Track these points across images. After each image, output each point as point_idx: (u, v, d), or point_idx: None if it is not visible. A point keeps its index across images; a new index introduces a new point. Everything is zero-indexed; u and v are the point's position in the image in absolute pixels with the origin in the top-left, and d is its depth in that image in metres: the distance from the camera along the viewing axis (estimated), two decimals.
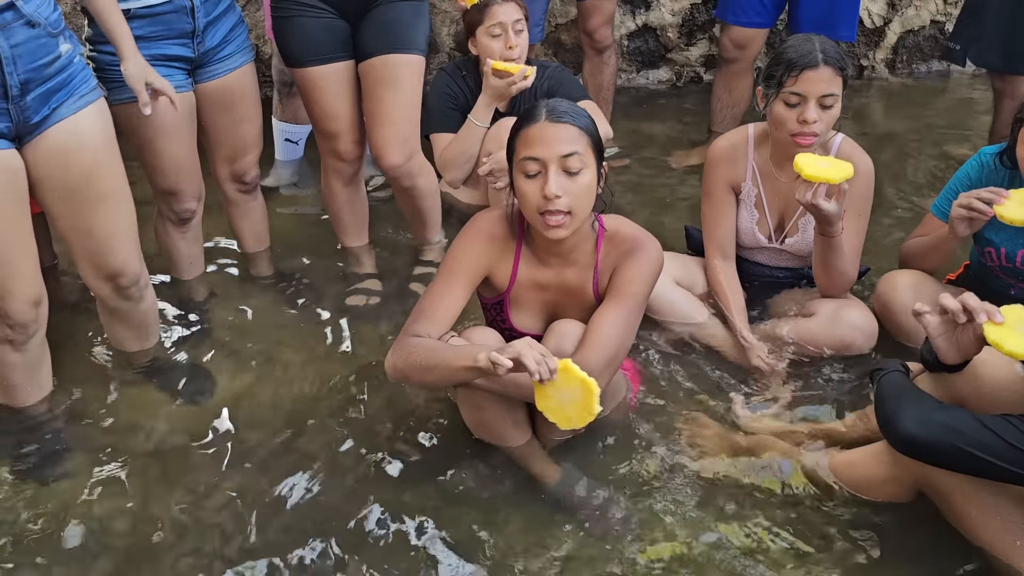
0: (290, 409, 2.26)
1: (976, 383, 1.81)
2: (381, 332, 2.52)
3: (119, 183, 2.06)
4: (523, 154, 1.79)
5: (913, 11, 4.30)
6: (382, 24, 2.40)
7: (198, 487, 2.02)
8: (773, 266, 2.50)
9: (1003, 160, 2.17)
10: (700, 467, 2.03)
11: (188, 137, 2.37)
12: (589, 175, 1.80)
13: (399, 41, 2.41)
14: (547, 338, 1.90)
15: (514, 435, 1.97)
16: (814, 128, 2.16)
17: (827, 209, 2.10)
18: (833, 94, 2.17)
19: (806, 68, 2.14)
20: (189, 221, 2.54)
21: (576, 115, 1.81)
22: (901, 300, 2.26)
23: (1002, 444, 1.58)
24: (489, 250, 1.93)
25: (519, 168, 1.81)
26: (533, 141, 1.78)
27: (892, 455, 1.83)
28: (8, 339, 2.04)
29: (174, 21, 2.21)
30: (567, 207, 1.77)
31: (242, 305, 2.66)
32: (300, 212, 3.16)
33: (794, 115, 2.18)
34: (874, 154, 2.42)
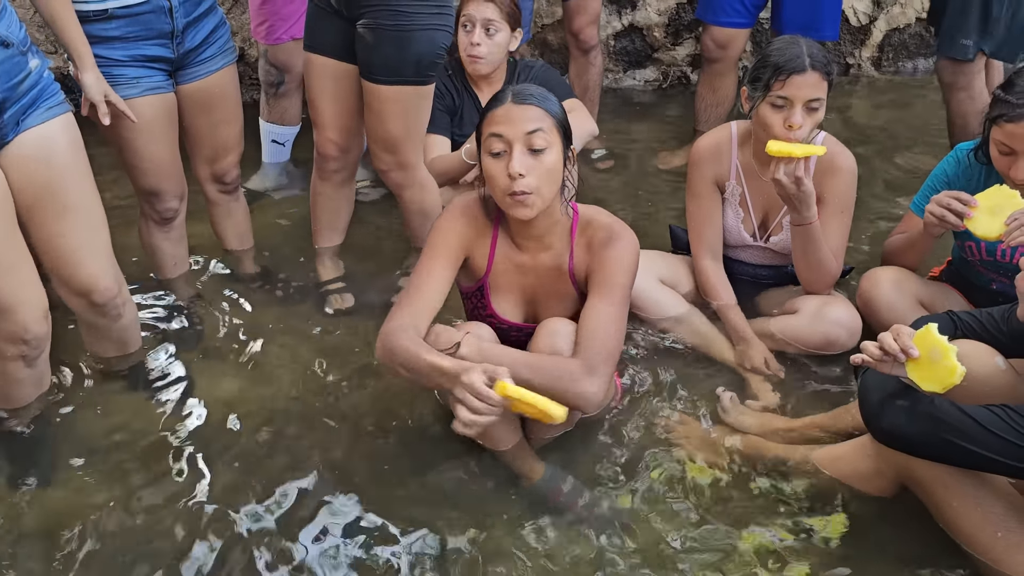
0: (276, 409, 2.25)
1: None
2: (363, 332, 2.52)
3: (86, 198, 2.03)
4: (487, 132, 1.81)
5: (899, 9, 4.32)
6: (361, 49, 2.34)
7: (183, 488, 2.01)
8: (757, 264, 2.51)
9: (977, 156, 2.19)
10: (684, 466, 2.03)
11: (168, 138, 2.37)
12: (554, 154, 1.81)
13: (369, 69, 2.35)
14: (538, 336, 1.91)
15: (507, 438, 1.98)
16: (799, 134, 2.18)
17: (806, 185, 2.13)
18: (819, 98, 2.18)
19: (793, 73, 2.16)
20: (172, 221, 2.54)
21: (542, 98, 1.83)
22: (883, 297, 2.27)
23: (985, 433, 1.59)
24: (468, 229, 1.95)
25: (485, 148, 1.83)
26: (498, 121, 1.80)
27: (876, 449, 1.84)
28: (22, 355, 2.02)
29: (152, 21, 2.21)
30: (532, 187, 1.79)
31: (227, 305, 2.65)
32: (286, 214, 3.15)
33: (780, 118, 2.19)
34: (859, 151, 2.43)
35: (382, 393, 2.27)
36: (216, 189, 2.61)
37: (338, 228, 2.79)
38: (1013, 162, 2.01)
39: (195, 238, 2.81)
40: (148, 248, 2.61)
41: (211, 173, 2.57)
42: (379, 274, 2.80)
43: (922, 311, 2.23)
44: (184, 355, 2.45)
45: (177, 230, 2.59)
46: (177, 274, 2.68)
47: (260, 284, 2.75)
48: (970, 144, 2.24)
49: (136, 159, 2.35)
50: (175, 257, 2.65)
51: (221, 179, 2.58)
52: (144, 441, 2.16)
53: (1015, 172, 2.01)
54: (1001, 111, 1.98)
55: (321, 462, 2.08)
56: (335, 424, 2.20)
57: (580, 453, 2.06)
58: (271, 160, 3.39)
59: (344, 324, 2.57)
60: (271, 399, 2.29)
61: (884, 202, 3.17)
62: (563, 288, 1.98)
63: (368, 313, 2.61)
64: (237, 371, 2.40)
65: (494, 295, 2.00)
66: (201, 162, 2.55)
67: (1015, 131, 1.96)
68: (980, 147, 2.17)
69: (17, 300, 1.93)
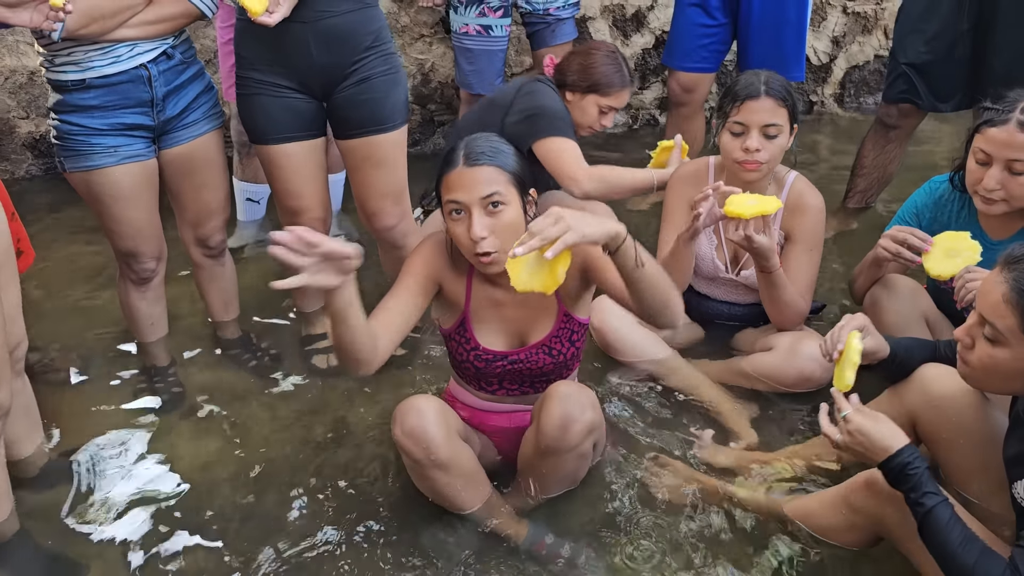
0: (255, 471, 2.24)
1: (928, 397, 1.86)
2: (345, 392, 2.52)
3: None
4: (446, 198, 1.83)
5: (857, 47, 4.45)
6: (359, 105, 2.33)
7: (162, 554, 2.00)
8: (731, 302, 2.54)
9: (953, 181, 2.24)
10: (665, 512, 2.04)
11: (148, 203, 2.38)
12: (513, 210, 1.83)
13: (379, 120, 2.36)
14: (548, 402, 1.87)
15: (468, 498, 1.96)
16: (758, 156, 2.23)
17: (758, 242, 2.17)
18: (776, 124, 2.24)
19: (748, 99, 2.24)
20: (149, 281, 2.53)
21: (493, 154, 1.83)
22: (895, 301, 2.24)
23: None
24: (441, 262, 1.94)
25: (446, 211, 1.84)
26: (453, 186, 1.81)
27: (848, 502, 1.82)
28: None
29: (131, 91, 2.23)
30: (495, 246, 1.80)
31: (205, 370, 2.64)
32: (265, 271, 3.16)
33: (738, 144, 2.25)
34: (826, 187, 2.48)
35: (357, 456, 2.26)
36: (201, 253, 2.60)
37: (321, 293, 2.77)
38: (985, 172, 2.05)
39: (176, 300, 2.81)
40: (125, 308, 2.60)
41: (195, 237, 2.56)
42: None
43: (925, 328, 2.23)
44: (161, 418, 2.44)
45: (154, 291, 2.58)
46: (155, 336, 2.67)
47: (240, 346, 2.74)
48: (944, 176, 2.30)
49: (114, 224, 2.36)
50: (152, 318, 2.63)
51: (205, 243, 2.57)
52: (122, 506, 2.15)
53: (986, 180, 2.04)
54: (987, 118, 2.04)
55: (297, 529, 2.06)
56: (317, 485, 2.19)
57: (563, 501, 2.06)
58: (247, 219, 3.41)
59: (324, 384, 2.57)
60: (249, 461, 2.28)
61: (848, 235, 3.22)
62: (547, 306, 1.97)
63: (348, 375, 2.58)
64: (215, 433, 2.38)
65: (478, 326, 1.98)
66: (185, 226, 2.54)
67: (997, 136, 2.01)
68: (956, 172, 2.22)
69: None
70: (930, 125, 3.84)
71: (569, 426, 1.85)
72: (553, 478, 2.01)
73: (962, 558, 1.53)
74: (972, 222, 2.22)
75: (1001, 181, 2.04)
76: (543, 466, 1.96)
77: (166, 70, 2.27)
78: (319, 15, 2.21)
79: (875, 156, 3.19)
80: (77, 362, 2.68)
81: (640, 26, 4.21)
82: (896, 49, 3.02)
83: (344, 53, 2.28)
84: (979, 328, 1.57)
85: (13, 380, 2.06)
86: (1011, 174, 2.02)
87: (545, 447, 1.88)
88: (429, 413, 1.86)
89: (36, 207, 3.52)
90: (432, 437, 1.85)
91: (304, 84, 2.31)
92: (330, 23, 2.23)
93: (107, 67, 2.18)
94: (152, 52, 2.23)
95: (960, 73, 2.89)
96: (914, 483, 1.58)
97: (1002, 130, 2.00)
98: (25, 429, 2.22)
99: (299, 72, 2.27)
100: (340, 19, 2.24)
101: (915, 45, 2.92)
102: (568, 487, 2.06)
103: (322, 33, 2.23)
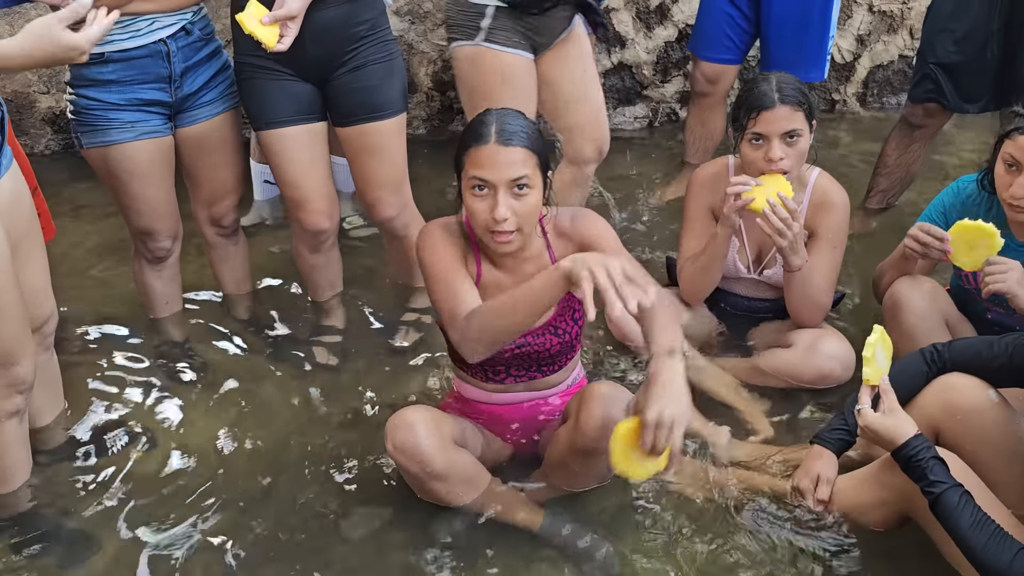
0: (267, 452, 2.24)
1: (949, 409, 1.84)
2: (360, 374, 2.51)
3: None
4: (472, 173, 1.78)
5: (882, 46, 4.39)
6: (355, 92, 2.33)
7: (176, 529, 2.00)
8: (752, 297, 2.52)
9: (982, 183, 2.21)
10: (681, 503, 2.03)
11: (164, 180, 2.37)
12: (536, 194, 1.80)
13: (376, 107, 2.36)
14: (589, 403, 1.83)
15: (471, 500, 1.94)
16: (782, 165, 2.21)
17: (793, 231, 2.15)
18: (795, 129, 2.21)
19: (763, 109, 2.21)
20: (165, 260, 2.53)
21: (525, 135, 1.79)
22: (916, 301, 2.20)
23: None
24: (456, 250, 1.90)
25: (467, 185, 1.80)
26: (483, 163, 1.77)
27: (877, 480, 1.84)
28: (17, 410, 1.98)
29: (149, 65, 2.22)
30: (515, 226, 1.78)
31: (219, 346, 2.64)
32: (283, 248, 3.15)
33: (761, 154, 2.23)
34: (846, 187, 2.46)
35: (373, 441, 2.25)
36: (214, 232, 2.60)
37: (336, 281, 2.75)
38: (1015, 178, 2.03)
39: (193, 278, 2.81)
40: (140, 286, 2.61)
41: (208, 215, 2.56)
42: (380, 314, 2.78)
43: (944, 330, 2.21)
44: (175, 395, 2.43)
45: (170, 269, 2.59)
46: (169, 313, 2.67)
47: (254, 325, 2.73)
48: (971, 176, 2.28)
49: (130, 200, 2.35)
50: (167, 296, 2.64)
51: (218, 222, 2.57)
52: (135, 480, 2.15)
53: (1015, 188, 2.03)
54: (1018, 124, 2.03)
55: (317, 507, 2.06)
56: (330, 468, 2.18)
57: (576, 495, 2.05)
58: (263, 197, 3.40)
59: (339, 366, 2.56)
60: (263, 441, 2.27)
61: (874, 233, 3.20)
62: None
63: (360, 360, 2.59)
64: (227, 414, 2.38)
65: None
66: (199, 204, 2.54)
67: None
68: (986, 174, 2.20)
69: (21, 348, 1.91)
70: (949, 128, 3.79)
71: (609, 426, 1.83)
72: (585, 476, 1.99)
73: (971, 540, 1.60)
74: (1000, 223, 2.18)
75: None
76: (576, 464, 1.93)
77: (184, 46, 2.26)
78: (314, 6, 2.18)
79: (899, 155, 3.15)
80: (92, 336, 2.68)
81: (664, 18, 4.17)
82: (924, 48, 2.98)
83: (337, 43, 2.28)
84: None
85: (41, 354, 2.10)
86: None
87: (583, 446, 1.85)
88: (419, 426, 1.83)
89: (55, 182, 3.52)
90: (424, 450, 1.83)
91: (298, 69, 2.30)
92: (323, 15, 2.22)
93: (126, 41, 2.17)
94: (171, 27, 2.22)
95: (989, 74, 2.85)
96: (920, 472, 1.67)
97: None
98: (48, 400, 2.24)
99: (294, 60, 2.26)
100: (334, 11, 2.24)
101: (944, 44, 2.88)
102: (597, 484, 2.04)
103: (315, 24, 2.21)
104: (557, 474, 2.00)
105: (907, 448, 1.68)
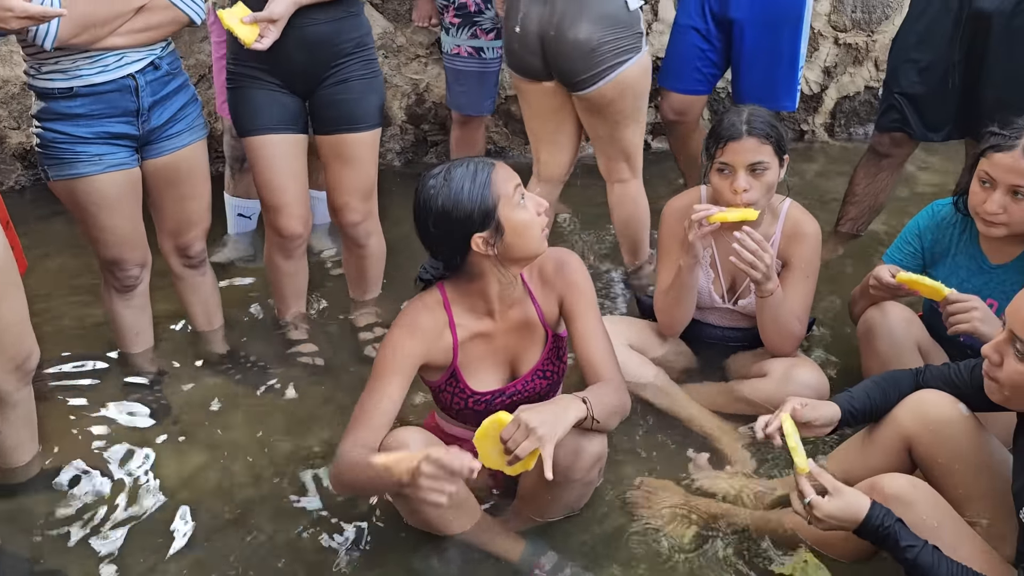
0: (240, 487, 2.21)
1: (924, 421, 1.86)
2: (333, 406, 2.49)
3: None
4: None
5: (848, 78, 4.48)
6: (335, 104, 2.46)
7: (143, 570, 1.96)
8: (726, 327, 2.53)
9: (957, 205, 2.25)
10: (656, 533, 2.02)
11: (131, 211, 2.36)
12: None
13: (353, 119, 2.49)
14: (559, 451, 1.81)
15: (458, 525, 1.93)
16: (747, 196, 2.24)
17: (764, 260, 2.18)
18: (761, 161, 2.24)
19: (730, 140, 2.25)
20: (134, 288, 2.51)
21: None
22: (889, 328, 2.24)
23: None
24: (420, 342, 1.89)
25: None
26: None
27: None
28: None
29: (117, 100, 2.22)
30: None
31: (190, 381, 2.61)
32: (254, 285, 3.13)
33: (727, 184, 2.26)
34: (817, 215, 2.49)
35: None
36: (180, 263, 2.59)
37: (303, 294, 2.83)
38: (988, 195, 2.07)
39: (162, 311, 2.78)
40: (110, 317, 2.58)
41: (175, 246, 2.54)
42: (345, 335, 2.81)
43: (917, 356, 2.24)
44: (145, 432, 2.40)
45: (139, 299, 2.56)
46: (140, 348, 2.64)
47: (226, 361, 2.70)
48: (946, 200, 2.32)
49: (98, 232, 2.34)
50: (137, 327, 2.61)
51: (185, 252, 2.56)
52: (105, 518, 2.11)
53: (988, 204, 2.07)
54: (993, 142, 2.07)
55: (281, 545, 2.03)
56: (304, 502, 2.15)
57: (556, 524, 2.04)
58: (238, 231, 3.39)
59: (312, 398, 2.54)
60: (236, 476, 2.24)
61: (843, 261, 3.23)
62: (536, 334, 1.99)
63: (336, 383, 2.59)
64: (201, 447, 2.35)
65: (469, 374, 1.96)
66: (165, 235, 2.53)
67: (1002, 160, 2.04)
68: (959, 195, 2.24)
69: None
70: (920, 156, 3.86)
71: (580, 454, 1.84)
72: (557, 505, 1.99)
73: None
74: (973, 245, 2.24)
75: (1003, 205, 2.06)
76: (548, 493, 1.93)
77: (153, 80, 2.26)
78: (306, 22, 2.32)
79: (867, 184, 3.20)
80: (63, 373, 2.64)
81: None
82: (889, 79, 3.04)
83: (324, 57, 2.40)
84: (1008, 345, 1.58)
85: (20, 389, 2.10)
86: (1014, 199, 2.05)
87: (554, 476, 1.84)
88: (414, 448, 1.81)
89: (25, 218, 3.49)
90: None
91: (287, 81, 2.42)
92: (314, 30, 2.35)
93: (95, 76, 2.17)
94: (140, 62, 2.23)
95: (951, 104, 2.91)
96: (892, 540, 1.65)
97: (1008, 155, 2.03)
98: (26, 438, 2.22)
99: (282, 72, 2.40)
100: (324, 26, 2.36)
101: (908, 75, 2.94)
102: (570, 512, 2.04)
103: (305, 38, 2.35)
104: (529, 505, 2.00)
105: (871, 520, 1.66)
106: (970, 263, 2.25)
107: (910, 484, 1.77)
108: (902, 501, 1.73)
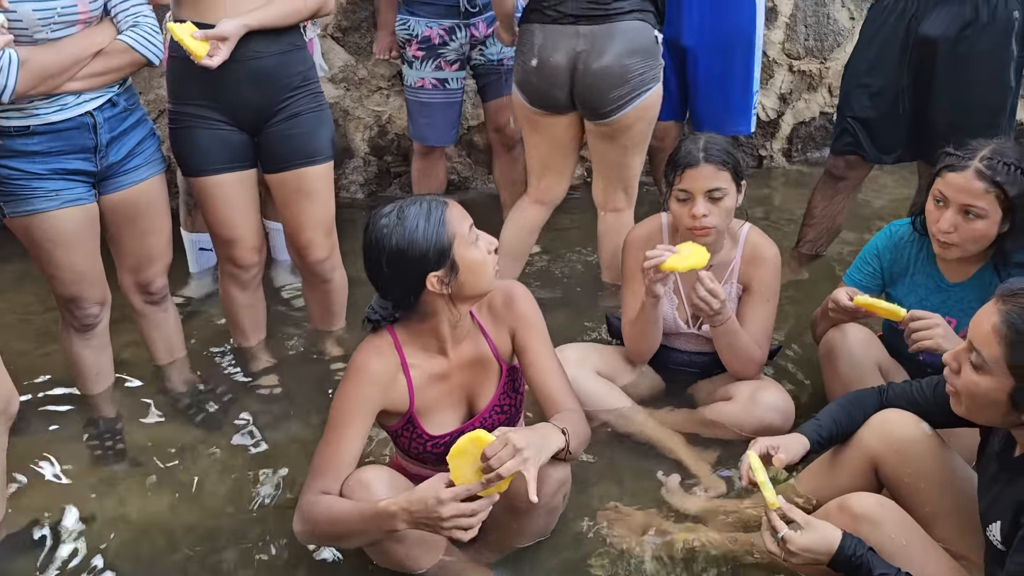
0: (203, 528, 2.16)
1: (888, 441, 1.89)
2: (297, 444, 2.46)
3: None
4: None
5: (803, 104, 4.57)
6: (288, 139, 2.45)
7: None
8: (692, 351, 2.54)
9: (915, 224, 2.30)
10: (628, 560, 2.01)
11: (89, 247, 2.32)
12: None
13: (309, 153, 2.48)
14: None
15: (424, 561, 1.91)
16: (706, 222, 2.26)
17: (712, 297, 2.21)
18: (719, 188, 2.27)
19: (688, 167, 2.27)
20: (93, 327, 2.46)
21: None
22: (848, 350, 2.27)
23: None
24: (375, 388, 1.87)
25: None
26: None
27: None
28: None
29: (75, 137, 2.20)
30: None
31: (153, 421, 2.56)
32: (216, 314, 3.09)
33: (686, 210, 2.29)
34: (779, 238, 2.52)
35: None
36: (142, 299, 2.55)
37: (262, 325, 2.82)
38: (942, 213, 2.12)
39: (123, 351, 2.73)
40: (70, 357, 2.52)
41: (135, 282, 2.50)
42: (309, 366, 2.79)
43: (878, 376, 2.26)
44: (108, 475, 2.35)
45: (99, 338, 2.51)
46: (101, 388, 2.58)
47: (190, 398, 2.65)
48: (904, 220, 2.37)
49: (55, 269, 2.30)
50: (98, 367, 2.56)
51: (146, 288, 2.52)
52: (68, 564, 2.06)
53: (941, 223, 2.12)
54: (947, 163, 2.12)
55: None
56: (269, 542, 2.11)
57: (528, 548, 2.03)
58: (200, 268, 3.35)
59: (276, 437, 2.50)
60: (200, 518, 2.20)
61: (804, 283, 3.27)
62: (490, 368, 1.99)
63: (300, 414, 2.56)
64: (164, 489, 2.30)
65: (426, 420, 1.95)
66: (125, 271, 2.49)
67: (955, 180, 2.08)
68: (916, 215, 2.29)
69: None
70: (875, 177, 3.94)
71: (545, 480, 1.82)
72: (524, 533, 1.98)
73: None
74: (930, 264, 2.28)
75: (955, 224, 2.11)
76: (515, 522, 1.92)
77: (111, 117, 2.25)
78: (251, 55, 2.31)
79: (824, 207, 3.25)
80: (22, 416, 2.56)
81: None
82: (843, 104, 3.11)
83: (273, 91, 2.39)
84: (967, 354, 1.61)
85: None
86: (965, 219, 2.09)
87: (517, 505, 1.83)
88: (376, 485, 1.80)
89: None
90: None
91: (234, 118, 2.40)
92: (260, 63, 2.34)
93: (52, 114, 2.15)
94: (98, 100, 2.22)
95: (902, 127, 2.98)
96: (864, 570, 1.66)
97: (960, 175, 2.08)
98: None
99: (230, 107, 2.37)
100: (270, 59, 2.36)
101: (860, 100, 3.01)
102: (537, 539, 2.02)
103: (252, 72, 2.34)
104: (496, 534, 1.98)
105: (843, 551, 1.67)
106: (928, 282, 2.30)
107: (878, 503, 1.79)
108: (870, 520, 1.74)
